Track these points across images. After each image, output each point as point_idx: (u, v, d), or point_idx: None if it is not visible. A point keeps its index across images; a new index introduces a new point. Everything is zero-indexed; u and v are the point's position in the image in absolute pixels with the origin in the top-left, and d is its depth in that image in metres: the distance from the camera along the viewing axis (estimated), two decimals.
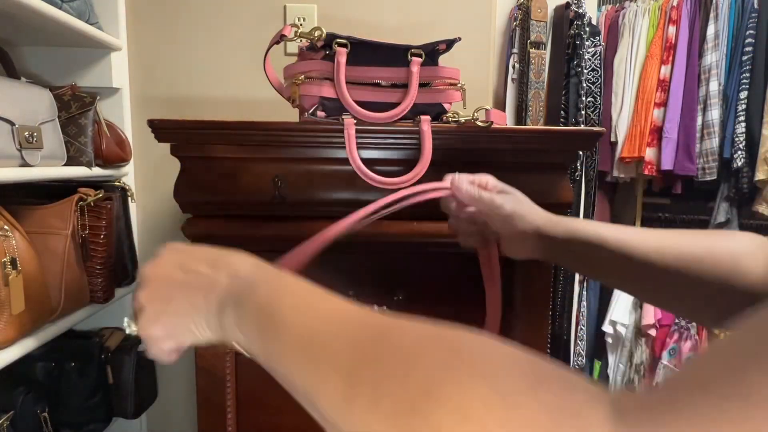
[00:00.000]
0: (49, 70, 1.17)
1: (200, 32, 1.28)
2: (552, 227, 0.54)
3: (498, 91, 1.44)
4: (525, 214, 0.55)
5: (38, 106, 0.90)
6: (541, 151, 0.82)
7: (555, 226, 0.54)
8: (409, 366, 0.25)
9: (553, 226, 0.54)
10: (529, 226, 0.55)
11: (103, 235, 1.03)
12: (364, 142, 0.78)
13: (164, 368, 1.36)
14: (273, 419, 0.86)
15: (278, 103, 0.93)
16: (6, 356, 0.81)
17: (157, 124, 0.76)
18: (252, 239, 0.80)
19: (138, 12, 1.26)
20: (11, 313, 0.80)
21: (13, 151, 0.83)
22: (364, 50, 0.78)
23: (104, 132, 1.08)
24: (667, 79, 1.47)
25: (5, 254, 0.79)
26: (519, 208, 0.56)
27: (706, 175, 1.44)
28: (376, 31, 1.29)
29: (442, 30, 1.29)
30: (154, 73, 1.29)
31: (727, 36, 1.41)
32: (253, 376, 0.85)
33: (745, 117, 1.37)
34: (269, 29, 1.22)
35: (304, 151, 0.79)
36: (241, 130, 0.77)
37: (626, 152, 1.52)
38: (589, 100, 1.43)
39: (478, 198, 0.57)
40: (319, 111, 0.78)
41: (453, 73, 0.81)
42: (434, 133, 0.77)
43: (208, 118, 0.76)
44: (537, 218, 0.55)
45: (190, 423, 1.41)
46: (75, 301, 0.98)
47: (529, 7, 1.37)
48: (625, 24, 1.55)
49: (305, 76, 0.78)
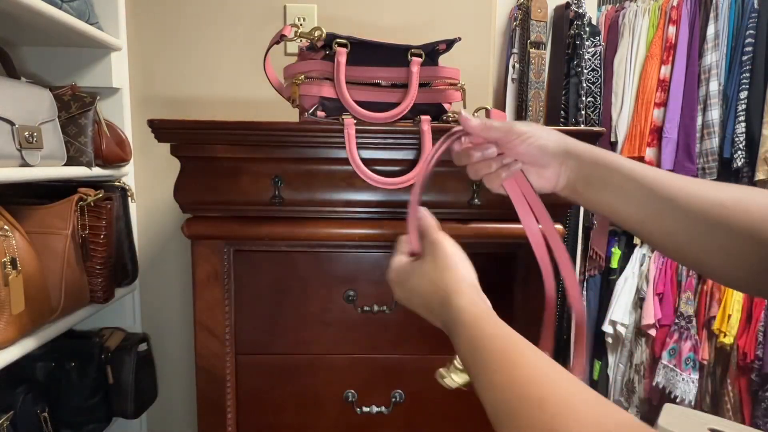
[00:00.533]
0: (49, 70, 1.17)
1: (200, 32, 1.28)
2: (577, 145, 0.50)
3: (498, 91, 1.44)
4: (544, 130, 0.51)
5: (38, 106, 0.90)
6: None
7: (579, 145, 0.50)
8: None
9: (578, 145, 0.50)
10: (552, 143, 0.50)
11: (103, 235, 1.03)
12: (364, 142, 0.78)
13: (164, 368, 1.36)
14: (273, 419, 0.86)
15: (278, 103, 0.93)
16: (6, 356, 0.81)
17: (157, 124, 0.76)
18: (252, 239, 0.80)
19: (138, 12, 1.26)
20: (11, 313, 0.80)
21: (13, 151, 0.83)
22: (364, 50, 0.78)
23: (104, 132, 1.08)
24: (667, 79, 1.47)
25: (5, 254, 0.79)
26: (535, 127, 0.51)
27: (706, 175, 1.44)
28: (376, 31, 1.29)
29: (442, 30, 1.29)
30: (154, 73, 1.29)
31: (727, 36, 1.41)
32: (253, 376, 0.85)
33: (745, 117, 1.37)
34: (269, 29, 1.22)
35: (304, 151, 0.79)
36: (241, 130, 0.77)
37: (626, 152, 1.52)
38: (589, 100, 1.43)
39: (493, 127, 0.52)
40: (319, 111, 0.78)
41: (453, 73, 0.81)
42: (434, 133, 0.77)
43: (208, 118, 0.76)
44: (558, 135, 0.51)
45: (190, 423, 1.41)
46: (75, 301, 0.98)
47: (529, 7, 1.37)
48: (625, 24, 1.55)
49: (305, 76, 0.78)
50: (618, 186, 0.47)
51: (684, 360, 1.48)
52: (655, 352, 1.56)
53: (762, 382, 1.37)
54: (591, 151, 0.49)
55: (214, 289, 0.82)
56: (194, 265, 0.81)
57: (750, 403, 1.41)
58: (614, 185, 0.48)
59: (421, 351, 0.86)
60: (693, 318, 1.49)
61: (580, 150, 0.50)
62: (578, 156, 0.49)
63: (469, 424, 0.87)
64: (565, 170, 0.51)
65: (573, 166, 0.50)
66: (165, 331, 1.37)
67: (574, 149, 0.50)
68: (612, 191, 0.48)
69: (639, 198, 0.46)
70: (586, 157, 0.49)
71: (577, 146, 0.50)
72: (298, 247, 0.83)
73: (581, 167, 0.49)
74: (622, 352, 1.65)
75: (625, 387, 1.64)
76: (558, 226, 0.85)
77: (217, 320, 0.83)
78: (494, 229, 0.82)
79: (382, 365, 0.86)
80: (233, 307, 0.83)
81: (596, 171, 0.48)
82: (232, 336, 0.84)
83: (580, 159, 0.49)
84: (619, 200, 0.48)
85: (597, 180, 0.48)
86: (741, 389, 1.42)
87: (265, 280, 0.84)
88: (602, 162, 0.48)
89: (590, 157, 0.49)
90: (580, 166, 0.49)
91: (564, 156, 0.50)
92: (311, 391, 0.86)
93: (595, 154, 0.49)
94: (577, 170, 0.50)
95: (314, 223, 0.80)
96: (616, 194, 0.48)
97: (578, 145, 0.50)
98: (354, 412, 0.86)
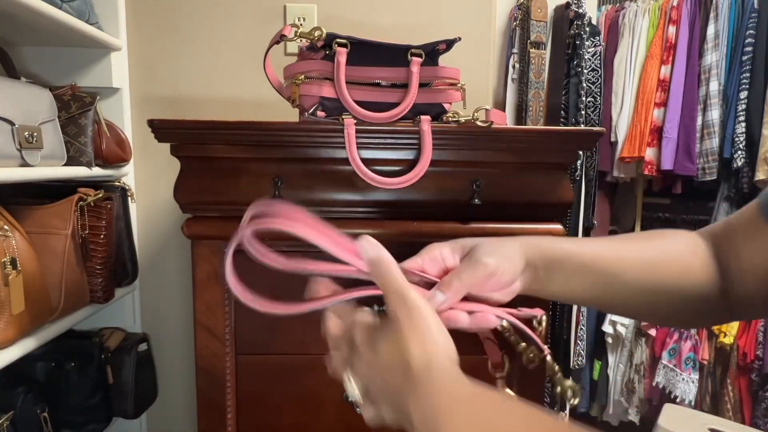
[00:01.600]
0: (49, 70, 1.17)
1: (200, 32, 1.28)
2: (530, 255, 0.47)
3: (498, 91, 1.44)
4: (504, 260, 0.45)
5: (38, 106, 0.90)
6: (541, 151, 0.82)
7: (531, 253, 0.47)
8: None
9: (531, 254, 0.47)
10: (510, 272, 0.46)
11: (103, 235, 1.03)
12: (364, 142, 0.78)
13: (164, 368, 1.36)
14: (273, 419, 0.86)
15: (278, 103, 0.93)
16: (6, 356, 0.81)
17: (157, 124, 0.76)
18: None
19: (138, 12, 1.26)
20: (11, 313, 0.80)
21: (13, 151, 0.83)
22: (364, 50, 0.78)
23: (104, 132, 1.08)
24: (667, 79, 1.47)
25: (5, 254, 0.79)
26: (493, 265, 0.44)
27: (706, 175, 1.44)
28: (376, 31, 1.29)
29: (442, 30, 1.29)
30: (154, 73, 1.29)
31: (727, 36, 1.41)
32: (253, 376, 0.85)
33: (745, 117, 1.37)
34: (269, 29, 1.22)
35: (304, 151, 0.79)
36: (241, 130, 0.77)
37: (626, 152, 1.52)
38: (589, 100, 1.43)
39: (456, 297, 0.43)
40: (319, 111, 0.78)
41: (453, 73, 0.81)
42: (434, 133, 0.77)
43: (208, 118, 0.76)
44: (513, 253, 0.47)
45: (190, 423, 1.41)
46: (75, 301, 0.98)
47: (529, 7, 1.37)
48: (625, 24, 1.55)
49: (305, 76, 0.78)
50: (566, 275, 0.49)
51: (684, 360, 1.48)
52: (655, 352, 1.56)
53: (762, 382, 1.37)
54: (542, 253, 0.48)
55: (214, 289, 0.82)
56: (194, 265, 0.81)
57: (750, 403, 1.41)
58: (564, 275, 0.49)
59: None
60: None
61: (534, 259, 0.48)
62: (534, 266, 0.48)
63: None
64: (521, 281, 0.48)
65: (528, 276, 0.48)
66: (165, 331, 1.37)
67: (531, 261, 0.48)
68: (562, 281, 0.49)
69: (584, 280, 0.48)
70: (539, 263, 0.48)
71: (532, 257, 0.48)
72: (298, 247, 0.83)
73: (536, 274, 0.49)
74: (622, 352, 1.65)
75: (625, 387, 1.64)
76: (558, 226, 0.85)
77: (217, 320, 0.83)
78: (494, 228, 0.82)
79: None
80: (233, 307, 0.83)
81: (548, 270, 0.48)
82: (232, 336, 0.84)
83: (536, 267, 0.48)
84: (569, 287, 0.50)
85: (547, 277, 0.49)
86: (741, 389, 1.42)
87: (265, 280, 0.84)
88: (553, 259, 0.48)
89: (542, 261, 0.48)
90: (535, 273, 0.49)
91: (525, 265, 0.48)
92: (311, 391, 0.86)
93: (546, 254, 0.48)
94: (532, 278, 0.48)
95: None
96: (565, 283, 0.49)
97: (532, 255, 0.48)
98: (354, 412, 0.86)
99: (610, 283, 0.48)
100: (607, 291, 0.49)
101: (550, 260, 0.49)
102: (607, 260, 0.48)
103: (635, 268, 0.47)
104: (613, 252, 0.49)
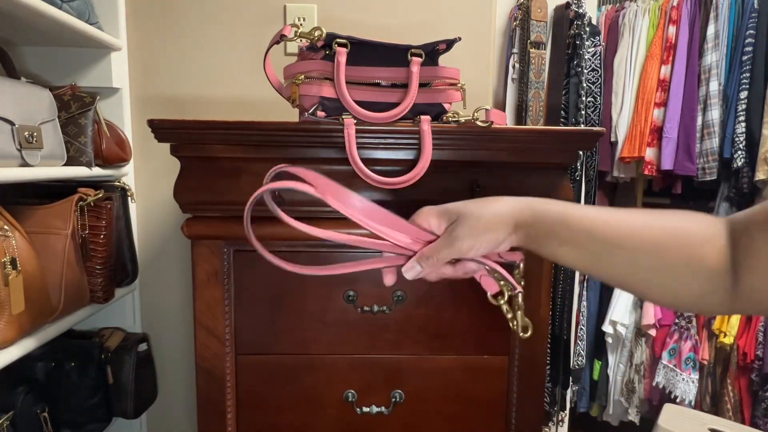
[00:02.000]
0: (49, 70, 1.17)
1: (200, 32, 1.28)
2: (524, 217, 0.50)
3: (498, 91, 1.44)
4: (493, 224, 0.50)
5: (38, 106, 0.90)
6: (541, 151, 0.82)
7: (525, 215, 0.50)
8: None
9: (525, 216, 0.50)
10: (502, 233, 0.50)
11: (103, 235, 1.03)
12: (364, 142, 0.78)
13: (164, 368, 1.36)
14: (273, 419, 0.86)
15: (278, 103, 0.93)
16: (6, 356, 0.81)
17: (157, 124, 0.76)
18: None
19: (138, 12, 1.26)
20: (11, 313, 0.80)
21: (13, 151, 0.83)
22: (364, 50, 0.78)
23: (104, 132, 1.08)
24: (667, 79, 1.47)
25: (5, 254, 0.79)
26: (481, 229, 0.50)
27: (706, 175, 1.44)
28: (376, 31, 1.29)
29: (442, 30, 1.29)
30: (154, 73, 1.29)
31: (727, 36, 1.41)
32: (253, 376, 0.85)
33: (745, 117, 1.37)
34: (269, 29, 1.22)
35: (304, 151, 0.79)
36: (241, 130, 0.77)
37: (626, 152, 1.52)
38: (589, 100, 1.43)
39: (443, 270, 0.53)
40: (319, 111, 0.78)
41: (453, 73, 0.81)
42: (434, 133, 0.77)
43: (208, 118, 0.76)
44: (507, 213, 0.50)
45: (190, 423, 1.41)
46: (75, 301, 0.98)
47: (529, 7, 1.36)
48: (625, 24, 1.55)
49: (305, 76, 0.78)
50: (560, 241, 0.49)
51: (684, 360, 1.48)
52: (655, 352, 1.56)
53: (762, 382, 1.37)
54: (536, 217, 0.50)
55: (214, 289, 0.82)
56: (194, 265, 0.81)
57: (750, 403, 1.41)
58: (557, 240, 0.49)
59: (421, 351, 0.86)
60: (693, 318, 1.49)
61: (526, 222, 0.50)
62: (526, 228, 0.50)
63: (469, 424, 0.87)
64: (512, 241, 0.51)
65: (521, 236, 0.50)
66: (165, 331, 1.37)
67: (522, 223, 0.50)
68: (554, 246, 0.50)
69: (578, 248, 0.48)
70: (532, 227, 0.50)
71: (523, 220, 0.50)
72: (298, 247, 0.83)
73: (528, 234, 0.50)
74: (622, 352, 1.65)
75: (625, 387, 1.64)
76: None
77: (217, 320, 0.83)
78: None
79: (382, 365, 0.86)
80: (233, 307, 0.83)
81: (540, 234, 0.50)
82: (232, 336, 0.84)
83: (527, 230, 0.50)
84: (560, 253, 0.50)
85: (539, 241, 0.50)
86: (741, 389, 1.42)
87: (265, 280, 0.84)
88: (546, 224, 0.49)
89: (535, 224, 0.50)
90: (527, 234, 0.50)
91: (514, 229, 0.50)
92: (311, 391, 0.86)
93: (539, 218, 0.49)
94: (524, 239, 0.51)
95: (314, 223, 0.80)
96: (558, 247, 0.49)
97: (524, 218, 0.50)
98: (354, 412, 0.86)
99: (606, 253, 0.47)
100: (601, 260, 0.48)
101: (542, 224, 0.49)
102: (607, 229, 0.47)
103: (635, 243, 0.46)
104: (616, 222, 0.48)
